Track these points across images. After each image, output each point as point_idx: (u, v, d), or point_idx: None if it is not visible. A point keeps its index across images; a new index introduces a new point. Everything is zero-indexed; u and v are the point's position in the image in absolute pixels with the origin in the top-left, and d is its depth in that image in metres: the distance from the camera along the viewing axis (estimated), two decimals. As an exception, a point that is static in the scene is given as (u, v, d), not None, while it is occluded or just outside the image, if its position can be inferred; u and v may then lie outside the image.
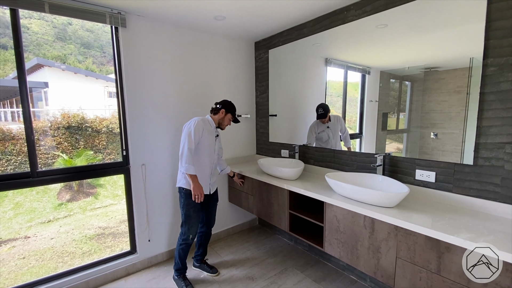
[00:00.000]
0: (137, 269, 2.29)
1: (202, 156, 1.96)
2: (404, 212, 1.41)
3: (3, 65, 6.21)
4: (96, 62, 7.67)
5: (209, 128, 2.00)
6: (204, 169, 1.99)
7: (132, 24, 2.09)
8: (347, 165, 2.10)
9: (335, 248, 1.72)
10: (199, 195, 1.87)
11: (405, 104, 1.75)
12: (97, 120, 5.02)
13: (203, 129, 1.92)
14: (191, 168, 1.83)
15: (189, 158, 1.83)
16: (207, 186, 2.04)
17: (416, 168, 1.67)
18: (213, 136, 2.03)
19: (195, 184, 1.86)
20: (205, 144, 1.95)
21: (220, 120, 2.05)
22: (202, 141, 1.93)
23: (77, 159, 4.85)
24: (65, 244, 3.63)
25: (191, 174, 1.84)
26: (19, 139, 4.41)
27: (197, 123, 1.89)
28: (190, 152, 1.84)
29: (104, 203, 4.94)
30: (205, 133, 1.93)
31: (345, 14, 1.98)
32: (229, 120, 2.08)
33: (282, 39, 2.56)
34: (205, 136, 1.93)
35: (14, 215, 4.32)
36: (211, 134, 2.00)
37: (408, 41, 1.66)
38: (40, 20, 6.97)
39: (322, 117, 2.25)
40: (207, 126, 1.98)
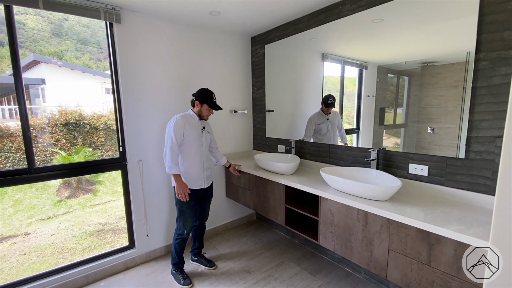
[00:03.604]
0: (136, 263, 2.32)
1: (190, 151, 1.97)
2: (396, 205, 1.44)
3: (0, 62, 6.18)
4: (93, 58, 7.62)
5: (192, 122, 1.98)
6: (195, 164, 2.01)
7: (127, 19, 2.09)
8: (342, 160, 2.12)
9: (329, 241, 1.75)
10: (183, 194, 1.89)
11: (403, 99, 1.76)
12: (95, 116, 5.01)
13: (184, 125, 1.92)
14: (173, 168, 1.86)
15: (172, 158, 1.87)
16: (201, 180, 2.06)
17: (409, 162, 1.69)
18: (199, 129, 2.01)
19: (178, 183, 1.89)
20: (191, 139, 1.95)
21: (198, 112, 2.01)
22: (187, 136, 1.93)
23: (75, 156, 4.85)
24: (65, 240, 3.66)
25: (174, 173, 1.87)
26: (17, 136, 4.41)
27: (176, 122, 1.90)
28: (172, 152, 1.87)
29: (104, 199, 4.97)
30: (188, 128, 1.93)
31: (340, 8, 1.98)
32: (207, 110, 1.99)
33: (278, 34, 2.55)
34: (188, 131, 1.93)
35: (14, 212, 4.34)
36: (195, 127, 1.98)
37: (405, 35, 1.66)
38: (36, 16, 6.90)
39: (331, 106, 2.22)
40: (190, 121, 1.97)
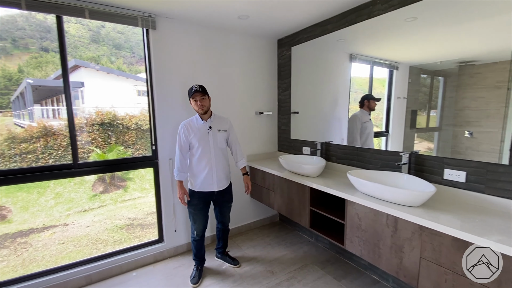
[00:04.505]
0: (164, 257, 2.43)
1: (196, 153, 1.98)
2: (430, 211, 1.38)
3: (45, 66, 6.79)
4: (126, 62, 8.11)
5: (195, 124, 1.99)
6: (202, 166, 1.97)
7: (161, 26, 2.21)
8: (370, 163, 2.07)
9: (356, 246, 1.71)
10: (180, 199, 1.99)
11: (437, 101, 1.67)
12: (127, 117, 5.33)
13: (185, 129, 1.97)
14: (178, 174, 1.99)
15: (178, 164, 1.98)
16: (211, 183, 2.01)
17: (444, 167, 1.61)
18: (203, 130, 1.98)
19: (178, 188, 2.00)
20: (195, 142, 1.96)
21: (195, 111, 2.00)
22: (191, 140, 1.96)
23: (109, 153, 5.19)
24: (99, 232, 3.91)
25: (177, 180, 2.00)
26: (59, 135, 4.83)
27: (179, 129, 2.00)
28: (178, 159, 1.98)
29: (133, 195, 5.24)
30: (190, 132, 1.96)
31: (371, 8, 1.94)
32: (195, 103, 1.93)
33: (306, 36, 2.55)
34: (191, 135, 1.96)
35: (55, 204, 4.73)
36: (198, 129, 1.97)
37: (441, 33, 1.58)
38: (77, 24, 7.49)
39: (378, 101, 2.10)
40: (193, 124, 1.99)
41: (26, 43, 6.58)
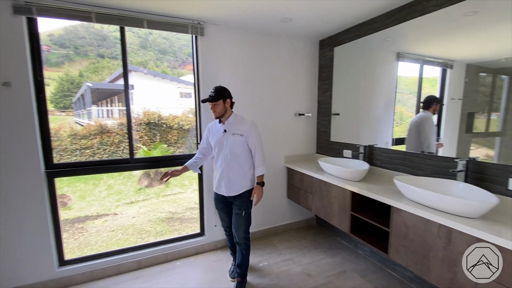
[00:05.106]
0: (205, 250, 2.57)
1: (216, 155, 2.02)
2: (490, 224, 1.26)
3: (101, 71, 7.57)
4: (170, 66, 8.68)
5: (215, 127, 2.03)
6: (218, 168, 2.00)
7: (208, 32, 2.34)
8: (420, 169, 1.94)
9: (402, 256, 1.63)
10: (164, 172, 2.02)
11: (499, 102, 1.52)
12: (171, 117, 5.70)
13: (207, 131, 2.09)
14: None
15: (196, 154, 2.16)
16: (221, 185, 1.98)
17: (509, 177, 1.45)
18: (219, 133, 1.98)
19: None
20: (214, 143, 2.01)
21: None
22: (211, 141, 2.04)
23: (154, 151, 5.60)
24: (143, 223, 4.22)
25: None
26: (112, 133, 5.35)
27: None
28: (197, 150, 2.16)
29: (174, 191, 5.58)
30: (211, 133, 2.04)
31: (424, 4, 1.83)
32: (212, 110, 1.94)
33: (350, 36, 2.49)
34: (211, 136, 2.04)
35: (107, 195, 5.24)
36: (216, 132, 2.01)
37: (505, 28, 1.43)
38: (128, 32, 8.25)
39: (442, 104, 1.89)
40: (214, 126, 2.05)
41: (85, 50, 7.43)
